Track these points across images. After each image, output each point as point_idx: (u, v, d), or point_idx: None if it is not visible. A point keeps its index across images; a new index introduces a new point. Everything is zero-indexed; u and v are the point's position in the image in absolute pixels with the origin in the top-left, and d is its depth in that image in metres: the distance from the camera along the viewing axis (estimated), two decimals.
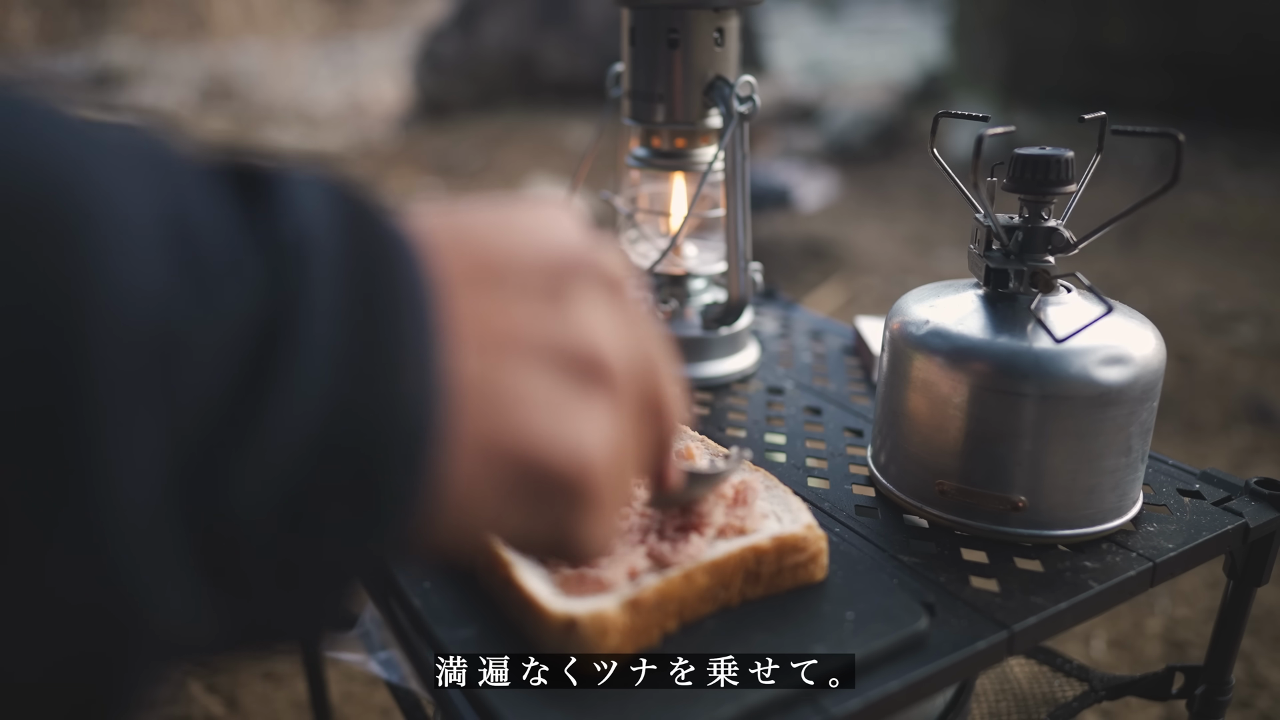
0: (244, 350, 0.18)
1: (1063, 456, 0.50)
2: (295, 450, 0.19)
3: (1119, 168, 3.73)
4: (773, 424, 0.69)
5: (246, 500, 0.18)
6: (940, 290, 0.57)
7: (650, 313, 0.28)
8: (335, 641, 0.79)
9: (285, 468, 0.19)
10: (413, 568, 0.47)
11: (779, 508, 0.48)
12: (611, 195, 0.84)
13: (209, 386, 0.18)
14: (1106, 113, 0.54)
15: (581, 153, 0.78)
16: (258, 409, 0.18)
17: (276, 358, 0.18)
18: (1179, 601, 1.38)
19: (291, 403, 0.18)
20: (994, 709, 0.74)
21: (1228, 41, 4.36)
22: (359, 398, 0.20)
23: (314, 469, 0.19)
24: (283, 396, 0.18)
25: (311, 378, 0.19)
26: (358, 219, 0.21)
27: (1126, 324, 0.51)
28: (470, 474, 0.22)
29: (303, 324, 0.19)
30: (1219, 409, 1.97)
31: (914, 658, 0.41)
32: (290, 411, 0.18)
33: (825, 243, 3.26)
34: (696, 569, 0.42)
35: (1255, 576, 0.56)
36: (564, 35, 6.00)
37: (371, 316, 0.20)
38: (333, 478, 0.20)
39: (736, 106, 0.70)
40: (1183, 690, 0.63)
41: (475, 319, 0.23)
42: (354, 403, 0.19)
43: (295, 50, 7.80)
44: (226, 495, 0.18)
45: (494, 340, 0.23)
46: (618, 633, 0.39)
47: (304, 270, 0.19)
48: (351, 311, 0.20)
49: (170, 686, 0.21)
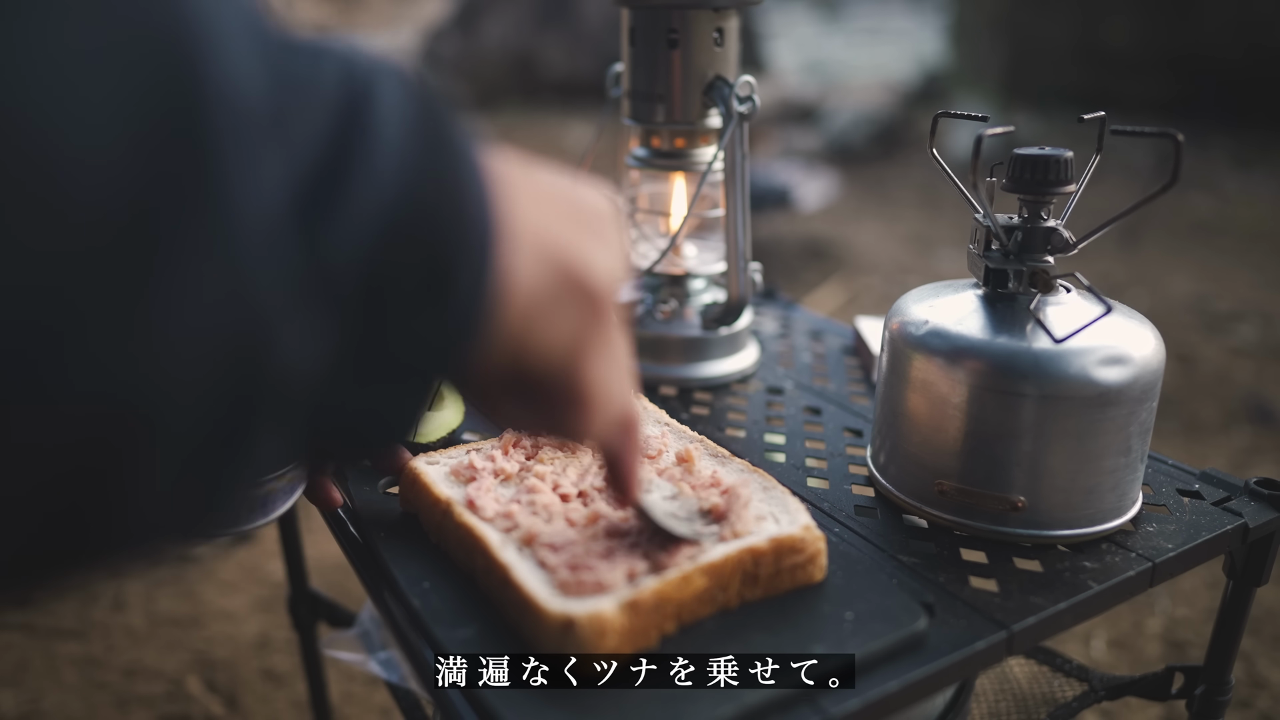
0: (330, 131, 0.22)
1: (1062, 457, 0.50)
2: (376, 213, 0.22)
3: (1119, 168, 3.74)
4: (772, 424, 0.69)
5: (343, 240, 0.22)
6: (940, 290, 0.57)
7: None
8: (335, 641, 0.79)
9: (369, 226, 0.22)
10: (413, 567, 0.47)
11: (776, 509, 0.48)
12: (611, 195, 0.84)
13: (310, 147, 0.21)
14: (1106, 113, 0.54)
15: (581, 153, 0.78)
16: (347, 171, 0.22)
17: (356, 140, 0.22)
18: (1179, 601, 1.38)
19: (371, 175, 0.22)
20: (994, 709, 0.74)
21: (1228, 42, 4.36)
22: (428, 190, 0.23)
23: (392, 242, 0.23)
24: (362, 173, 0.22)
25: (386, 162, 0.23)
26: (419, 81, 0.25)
27: (1126, 324, 0.51)
28: (528, 273, 0.26)
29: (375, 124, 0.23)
30: (1219, 409, 1.97)
31: (913, 658, 0.41)
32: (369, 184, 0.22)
33: (825, 243, 3.26)
34: (694, 571, 0.42)
35: (1255, 576, 0.56)
36: (564, 35, 6.00)
37: (434, 130, 0.24)
38: (410, 254, 0.23)
39: (736, 106, 0.70)
40: (1183, 690, 0.63)
41: (517, 173, 0.28)
42: (423, 192, 0.23)
43: None
44: (329, 229, 0.22)
45: (534, 193, 0.28)
46: (615, 634, 0.39)
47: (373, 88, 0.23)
48: (418, 125, 0.24)
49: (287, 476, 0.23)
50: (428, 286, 0.24)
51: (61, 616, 1.37)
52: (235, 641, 1.33)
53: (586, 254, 0.29)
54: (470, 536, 0.46)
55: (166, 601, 1.41)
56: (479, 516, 0.47)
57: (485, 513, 0.47)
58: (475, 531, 0.45)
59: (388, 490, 0.56)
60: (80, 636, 1.33)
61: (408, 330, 0.24)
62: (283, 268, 0.21)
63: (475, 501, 0.48)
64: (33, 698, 1.21)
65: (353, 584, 1.40)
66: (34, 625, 1.35)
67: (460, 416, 0.65)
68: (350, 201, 0.22)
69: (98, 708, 1.19)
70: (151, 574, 1.46)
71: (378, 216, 0.22)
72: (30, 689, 1.22)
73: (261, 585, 1.45)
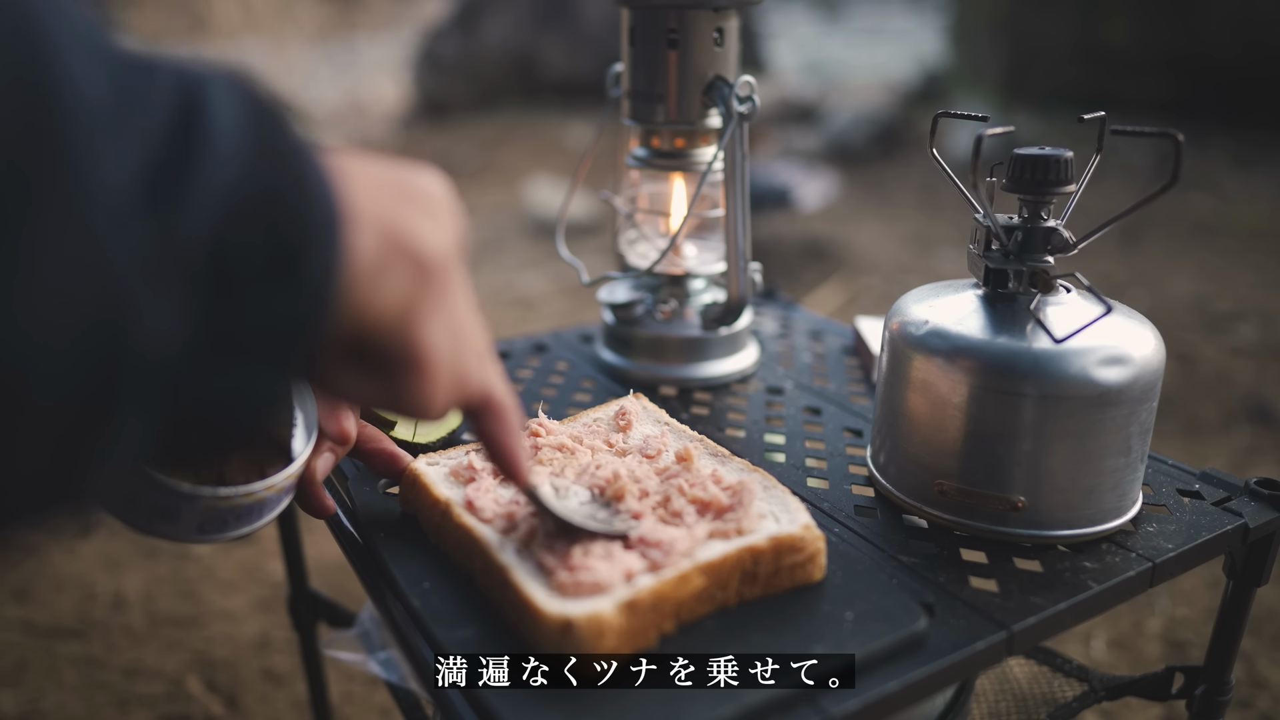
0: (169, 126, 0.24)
1: (1062, 457, 0.50)
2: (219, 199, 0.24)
3: (1119, 168, 3.74)
4: (772, 424, 0.69)
5: (189, 216, 0.24)
6: (940, 290, 0.57)
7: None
8: (335, 641, 0.79)
9: (212, 204, 0.24)
10: (412, 567, 0.47)
11: (776, 508, 0.48)
12: (611, 195, 0.84)
13: (151, 140, 0.23)
14: (1106, 113, 0.54)
15: (581, 153, 0.78)
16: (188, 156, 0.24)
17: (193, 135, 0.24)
18: (1179, 601, 1.38)
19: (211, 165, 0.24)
20: (994, 709, 0.74)
21: (1228, 42, 4.36)
22: (267, 173, 0.25)
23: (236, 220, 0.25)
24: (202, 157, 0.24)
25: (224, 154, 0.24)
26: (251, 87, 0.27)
27: (1126, 324, 0.51)
28: (364, 246, 0.29)
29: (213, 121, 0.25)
30: (1219, 409, 1.97)
31: (913, 658, 0.41)
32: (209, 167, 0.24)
33: (825, 243, 3.26)
34: (693, 570, 0.42)
35: (1255, 576, 0.56)
36: (564, 35, 6.00)
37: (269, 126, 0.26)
38: (256, 232, 0.25)
39: (736, 106, 0.70)
40: (1183, 690, 0.63)
41: (351, 163, 0.30)
42: (264, 175, 0.25)
43: (295, 50, 7.79)
44: (176, 205, 0.23)
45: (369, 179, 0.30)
46: (614, 634, 0.39)
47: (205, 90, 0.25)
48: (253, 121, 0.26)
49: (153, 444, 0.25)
50: (278, 265, 0.26)
51: (61, 616, 1.37)
52: (235, 641, 1.33)
53: (416, 225, 0.31)
54: (469, 537, 0.46)
55: (166, 601, 1.41)
56: (478, 517, 0.47)
57: (484, 514, 0.47)
58: (474, 532, 0.45)
59: (388, 491, 0.56)
60: (80, 636, 1.33)
61: (262, 309, 0.26)
62: (135, 247, 0.23)
63: (474, 502, 0.48)
64: (33, 698, 1.21)
65: (353, 584, 1.40)
66: (34, 625, 1.35)
67: (460, 417, 0.65)
68: (193, 181, 0.24)
69: (98, 708, 1.19)
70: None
71: (220, 203, 0.24)
72: (30, 689, 1.22)
73: (261, 585, 1.45)
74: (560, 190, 3.68)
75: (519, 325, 2.52)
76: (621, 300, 0.79)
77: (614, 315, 0.79)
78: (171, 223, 0.23)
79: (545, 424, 0.56)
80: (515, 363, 0.81)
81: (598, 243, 3.20)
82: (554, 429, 0.56)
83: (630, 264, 0.80)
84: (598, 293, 0.83)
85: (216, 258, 0.24)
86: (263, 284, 0.26)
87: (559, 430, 0.56)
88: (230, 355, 0.26)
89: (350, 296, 0.29)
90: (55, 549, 1.52)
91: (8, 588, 1.43)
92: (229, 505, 0.44)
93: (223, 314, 0.25)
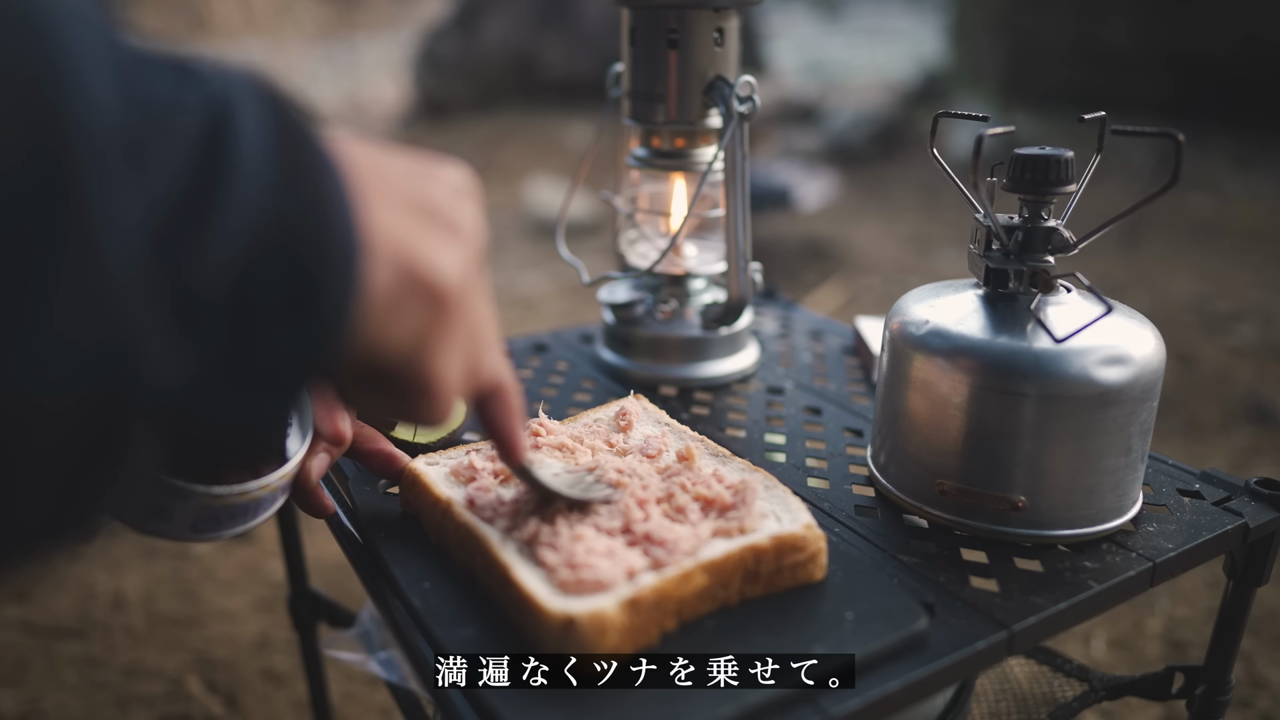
0: (191, 161, 0.23)
1: (1062, 456, 0.50)
2: (241, 237, 0.23)
3: (1119, 168, 3.73)
4: (773, 424, 0.69)
5: (208, 264, 0.23)
6: (940, 290, 0.57)
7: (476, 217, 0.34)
8: (335, 641, 0.79)
9: (234, 250, 0.23)
10: (413, 567, 0.47)
11: (778, 507, 0.48)
12: (611, 195, 0.84)
13: (172, 178, 0.22)
14: (1106, 113, 0.54)
15: (581, 153, 0.78)
16: (211, 198, 0.23)
17: (218, 168, 0.23)
18: (1179, 601, 1.38)
19: (234, 201, 0.23)
20: (994, 709, 0.74)
21: (1228, 41, 4.36)
22: (291, 210, 0.25)
23: (257, 263, 0.24)
24: (225, 198, 0.23)
25: (249, 186, 0.24)
26: (276, 97, 0.26)
27: (1126, 324, 0.51)
28: (380, 279, 0.28)
29: (237, 149, 0.24)
30: (1219, 409, 1.97)
31: (914, 658, 0.41)
32: (233, 210, 0.23)
33: (825, 243, 3.26)
34: (695, 568, 0.42)
35: (1255, 576, 0.56)
36: (564, 35, 6.00)
37: (295, 147, 0.25)
38: (276, 273, 0.25)
39: (736, 106, 0.70)
40: (1183, 690, 0.63)
41: (372, 175, 0.29)
42: (287, 213, 0.25)
43: (295, 50, 7.79)
44: (194, 254, 0.23)
45: (386, 195, 0.29)
46: (616, 632, 0.39)
47: (233, 113, 0.24)
48: (279, 144, 0.25)
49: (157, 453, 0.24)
50: (295, 302, 0.25)
51: (61, 616, 1.37)
52: (235, 641, 1.33)
53: (432, 254, 0.30)
54: (470, 536, 0.46)
55: (166, 601, 1.41)
56: (479, 516, 0.47)
57: (485, 512, 0.47)
58: (475, 530, 0.45)
59: (388, 491, 0.56)
60: (80, 636, 1.33)
61: (276, 343, 0.26)
62: (147, 291, 0.22)
63: (475, 501, 0.48)
64: (33, 698, 1.21)
65: (353, 584, 1.40)
66: (34, 625, 1.35)
67: (460, 417, 0.65)
68: (215, 226, 0.23)
69: (98, 708, 1.19)
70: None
71: (242, 240, 0.24)
72: (30, 689, 1.22)
73: (261, 585, 1.45)
74: (560, 190, 3.68)
75: (519, 325, 2.52)
76: (622, 300, 0.79)
77: (614, 315, 0.79)
78: (186, 274, 0.23)
79: (546, 424, 0.56)
80: (515, 363, 0.81)
81: (598, 243, 3.20)
82: (554, 429, 0.56)
83: (630, 264, 0.80)
84: (598, 293, 0.83)
85: (235, 292, 0.24)
86: (279, 318, 0.25)
87: (559, 430, 0.56)
88: (242, 384, 0.26)
89: (363, 331, 0.28)
90: None
91: (8, 587, 1.43)
92: (223, 504, 0.44)
93: (236, 354, 0.25)
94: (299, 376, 0.27)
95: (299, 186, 0.25)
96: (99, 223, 0.21)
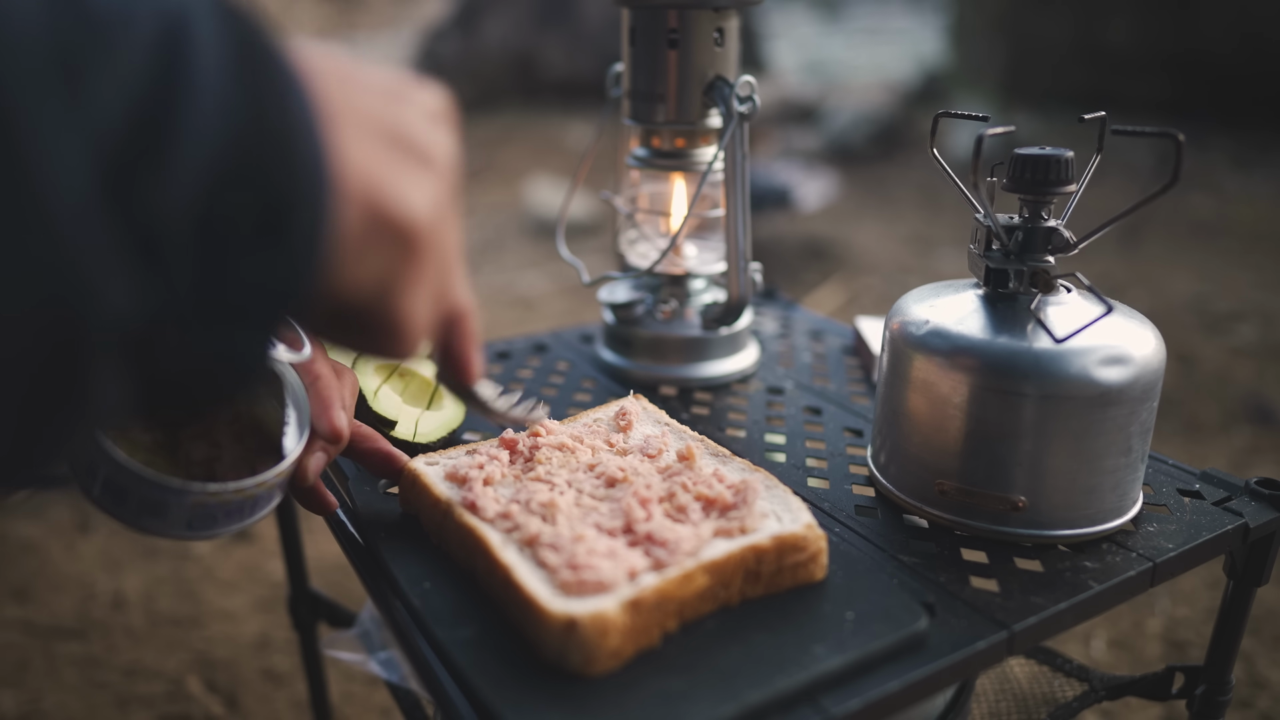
0: (141, 80, 0.21)
1: (1063, 456, 0.50)
2: (200, 163, 0.22)
3: (1119, 168, 3.74)
4: (773, 424, 0.69)
5: (166, 196, 0.22)
6: (940, 290, 0.57)
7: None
8: (335, 641, 0.79)
9: (193, 180, 0.22)
10: (413, 567, 0.47)
11: (779, 507, 0.48)
12: (611, 195, 0.84)
13: (120, 97, 0.21)
14: (1106, 113, 0.54)
15: (581, 153, 0.78)
16: (166, 126, 0.22)
17: (173, 87, 0.22)
18: (1179, 601, 1.38)
19: (191, 126, 0.22)
20: (994, 709, 0.74)
21: (1227, 41, 4.36)
22: (253, 135, 0.23)
23: (219, 193, 0.23)
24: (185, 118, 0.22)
25: (207, 108, 0.22)
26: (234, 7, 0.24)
27: (1126, 324, 0.51)
28: (348, 215, 0.27)
29: (194, 66, 0.22)
30: (1219, 409, 1.97)
31: (914, 658, 0.41)
32: (192, 132, 0.22)
33: (825, 243, 3.26)
34: (697, 569, 0.42)
35: (1255, 576, 0.56)
36: (564, 35, 6.00)
37: (256, 64, 0.24)
38: (240, 202, 0.23)
39: (736, 106, 0.70)
40: (1183, 690, 0.63)
41: (340, 95, 0.27)
42: (250, 138, 0.23)
43: None
44: (149, 186, 0.21)
45: (355, 119, 0.28)
46: (618, 633, 0.39)
47: (188, 27, 0.22)
48: (239, 61, 0.23)
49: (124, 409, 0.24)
50: (263, 232, 0.24)
51: (61, 616, 1.37)
52: (235, 641, 1.33)
53: (402, 191, 0.29)
54: (471, 537, 0.46)
55: (166, 601, 1.41)
56: (479, 517, 0.47)
57: (486, 513, 0.47)
58: (476, 532, 0.45)
59: (388, 491, 0.56)
60: (80, 636, 1.33)
61: (246, 274, 0.24)
62: (98, 218, 0.21)
63: (475, 502, 0.48)
64: (33, 698, 1.21)
65: (353, 584, 1.40)
66: (34, 625, 1.35)
67: (460, 417, 0.65)
68: (171, 152, 0.22)
69: (98, 708, 1.19)
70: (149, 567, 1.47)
71: (202, 167, 0.22)
72: (30, 689, 1.22)
73: (261, 585, 1.45)
74: (560, 190, 3.68)
75: (519, 325, 2.52)
76: (622, 300, 0.79)
77: (614, 315, 0.79)
78: (144, 194, 0.21)
79: (546, 424, 0.56)
80: (515, 363, 0.81)
81: (598, 243, 3.20)
82: (554, 429, 0.56)
83: (630, 264, 0.80)
84: (598, 293, 0.83)
85: (198, 221, 0.23)
86: (248, 247, 0.24)
87: (559, 430, 0.56)
88: (211, 320, 0.25)
89: (332, 269, 0.27)
90: (55, 548, 1.52)
91: (8, 588, 1.43)
92: (219, 501, 0.44)
93: (203, 286, 0.24)
94: (273, 310, 0.26)
95: (263, 107, 0.24)
96: (28, 146, 0.19)
